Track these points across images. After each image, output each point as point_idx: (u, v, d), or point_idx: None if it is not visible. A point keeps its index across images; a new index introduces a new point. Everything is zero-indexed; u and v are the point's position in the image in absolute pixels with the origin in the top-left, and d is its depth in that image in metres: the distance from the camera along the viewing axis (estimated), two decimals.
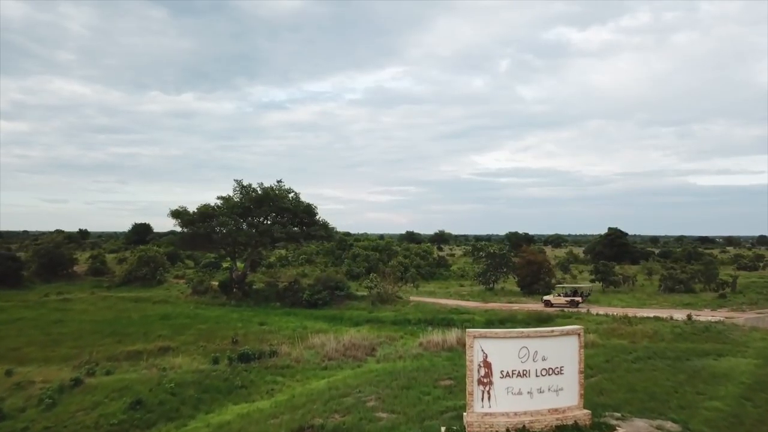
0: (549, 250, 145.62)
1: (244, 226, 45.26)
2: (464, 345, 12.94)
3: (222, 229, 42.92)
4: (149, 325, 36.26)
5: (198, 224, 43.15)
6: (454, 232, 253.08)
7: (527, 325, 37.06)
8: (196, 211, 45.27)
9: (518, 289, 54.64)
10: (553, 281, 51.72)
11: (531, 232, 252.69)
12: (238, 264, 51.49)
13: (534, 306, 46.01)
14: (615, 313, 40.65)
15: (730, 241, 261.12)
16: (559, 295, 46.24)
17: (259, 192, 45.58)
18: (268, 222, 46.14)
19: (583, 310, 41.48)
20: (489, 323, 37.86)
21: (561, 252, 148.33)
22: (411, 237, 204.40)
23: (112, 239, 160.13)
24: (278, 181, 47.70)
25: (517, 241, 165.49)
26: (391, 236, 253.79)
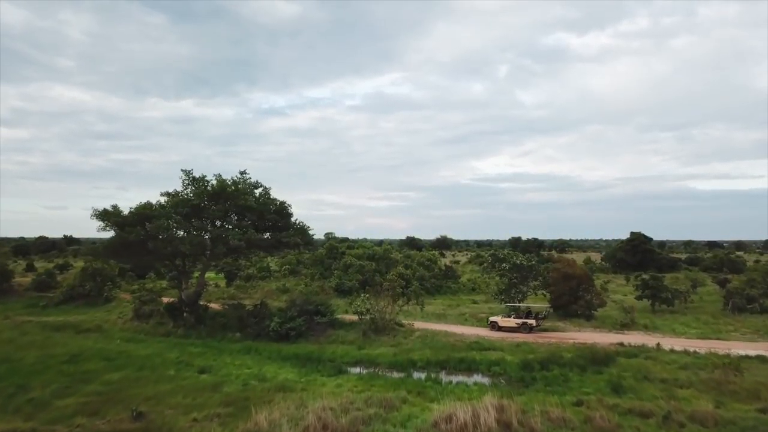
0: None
1: (194, 230, 34.10)
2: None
3: (163, 234, 31.65)
4: (39, 375, 25.02)
5: (130, 228, 32.08)
6: (455, 237, 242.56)
7: (582, 370, 26.01)
8: (133, 210, 34.05)
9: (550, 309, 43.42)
10: (594, 299, 40.58)
11: (529, 237, 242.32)
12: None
13: (578, 335, 34.79)
14: (697, 348, 29.61)
15: (739, 245, 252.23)
16: (509, 316, 37.04)
17: (214, 186, 34.57)
18: (227, 225, 34.84)
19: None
20: (526, 367, 26.76)
21: (570, 257, 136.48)
22: (412, 243, 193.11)
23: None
24: (242, 173, 36.79)
25: (526, 246, 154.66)
26: (391, 242, 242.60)
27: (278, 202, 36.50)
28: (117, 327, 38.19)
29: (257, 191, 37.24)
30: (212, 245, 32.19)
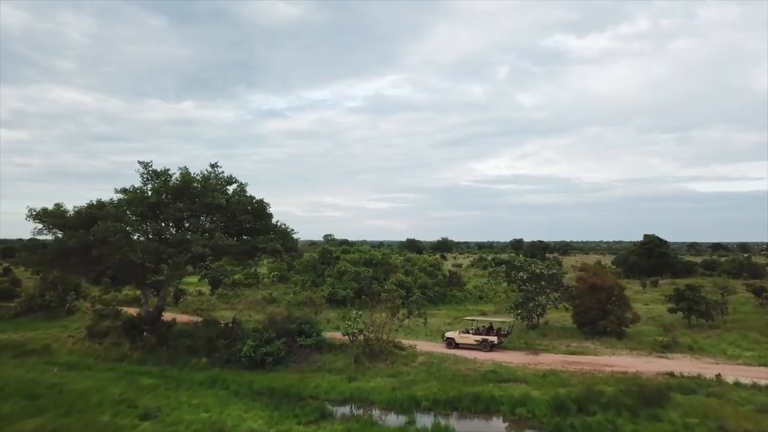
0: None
1: (150, 234, 28.15)
2: None
3: (111, 238, 25.66)
4: None
5: (71, 232, 26.23)
6: (455, 239, 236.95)
7: (632, 414, 20.32)
8: (82, 209, 28.13)
9: (572, 323, 37.68)
10: (626, 314, 34.79)
11: (529, 240, 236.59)
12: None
13: (613, 360, 29.02)
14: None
15: (744, 247, 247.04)
16: (467, 332, 33.06)
17: (177, 181, 28.77)
18: (189, 228, 28.88)
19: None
20: (559, 408, 21.01)
21: (574, 260, 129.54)
22: (412, 245, 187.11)
23: None
24: (212, 166, 30.96)
25: (530, 249, 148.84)
26: (392, 244, 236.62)
27: (255, 201, 30.69)
28: (66, 348, 32.42)
29: (230, 187, 31.50)
30: (172, 252, 26.44)
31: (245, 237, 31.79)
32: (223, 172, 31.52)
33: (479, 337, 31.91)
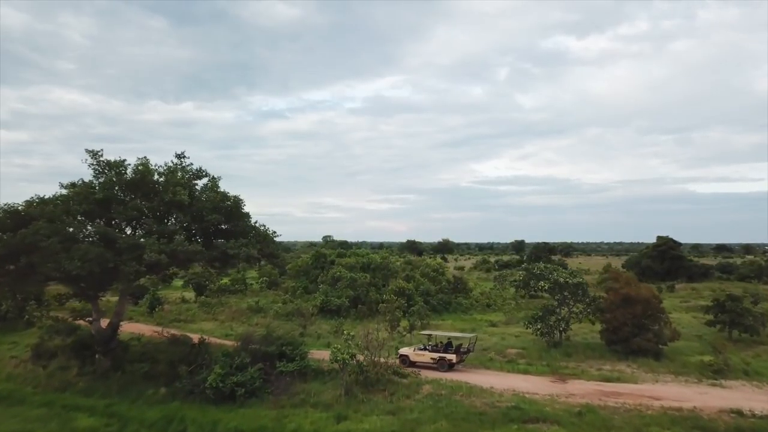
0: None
1: (94, 237, 23.08)
2: None
3: (43, 243, 20.61)
4: None
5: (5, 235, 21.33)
6: (455, 240, 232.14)
7: None
8: (13, 207, 23.00)
9: (599, 339, 32.71)
10: (665, 330, 29.80)
11: (531, 241, 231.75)
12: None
13: (659, 390, 24.02)
14: None
15: (749, 249, 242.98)
16: (424, 349, 28.56)
17: (131, 174, 23.75)
18: (139, 231, 23.73)
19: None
20: None
21: (577, 262, 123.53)
22: (412, 246, 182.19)
23: None
24: (179, 156, 25.97)
25: (536, 252, 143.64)
26: (391, 245, 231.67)
27: (229, 199, 25.65)
28: (5, 372, 27.43)
29: (200, 182, 26.51)
30: (122, 260, 21.44)
31: (220, 240, 26.75)
32: (191, 164, 26.56)
33: (436, 355, 27.47)
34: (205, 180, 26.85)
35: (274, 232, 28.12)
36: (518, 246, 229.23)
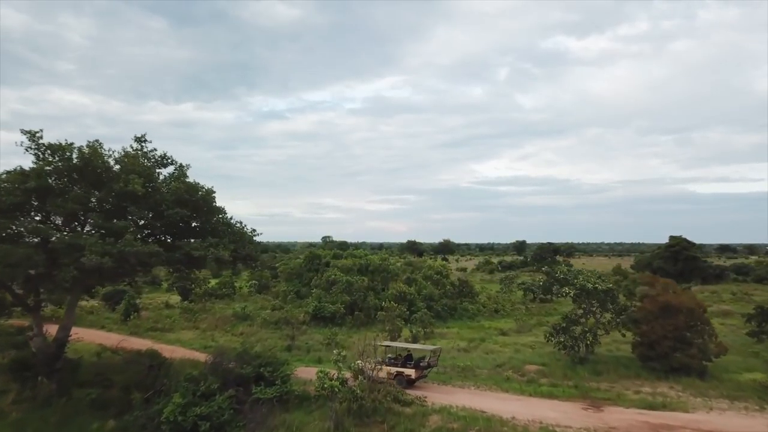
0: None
1: (24, 234, 18.92)
2: None
3: None
4: None
5: None
6: (455, 240, 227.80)
7: None
8: None
9: (629, 353, 28.51)
10: (710, 344, 25.56)
11: (529, 241, 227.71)
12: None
13: (715, 421, 19.76)
14: None
15: (752, 249, 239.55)
16: (382, 362, 23.62)
17: (76, 160, 19.52)
18: (100, 225, 19.38)
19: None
20: None
21: (581, 263, 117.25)
22: (413, 247, 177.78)
23: None
24: (138, 140, 21.67)
25: (541, 253, 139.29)
26: (391, 245, 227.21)
27: (199, 191, 21.40)
28: None
29: (164, 171, 22.30)
30: (56, 264, 17.33)
31: (192, 240, 22.47)
32: (154, 149, 22.31)
33: (393, 370, 23.61)
34: (171, 169, 22.59)
35: (253, 231, 23.89)
36: (519, 246, 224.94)
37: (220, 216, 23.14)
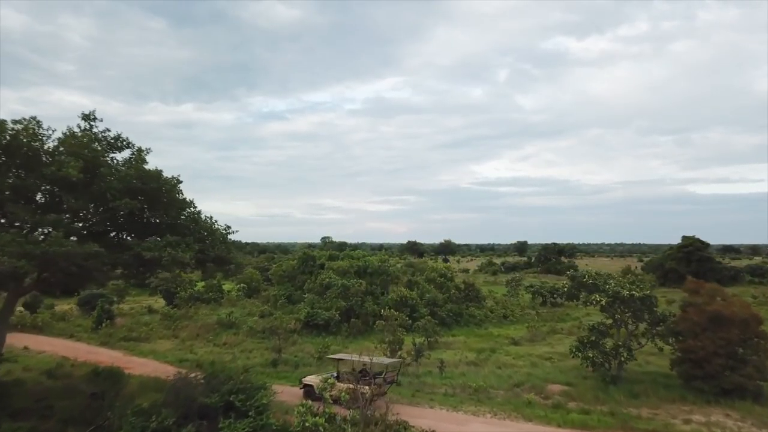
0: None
1: None
2: None
3: None
4: None
5: None
6: (455, 241, 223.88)
7: None
8: None
9: (666, 368, 24.68)
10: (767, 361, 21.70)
11: (531, 242, 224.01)
12: None
13: None
14: None
15: (755, 250, 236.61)
16: (336, 377, 21.57)
17: (6, 138, 15.78)
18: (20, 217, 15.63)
19: None
20: None
21: (584, 264, 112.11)
22: (413, 248, 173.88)
23: None
24: (86, 117, 17.83)
25: (545, 254, 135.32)
26: (391, 246, 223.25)
27: (156, 178, 17.52)
28: None
29: (118, 156, 18.47)
30: None
31: (158, 238, 18.59)
32: (107, 130, 18.48)
33: (344, 386, 19.76)
34: (127, 153, 18.73)
35: (227, 228, 20.02)
36: (521, 247, 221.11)
37: (186, 210, 19.25)
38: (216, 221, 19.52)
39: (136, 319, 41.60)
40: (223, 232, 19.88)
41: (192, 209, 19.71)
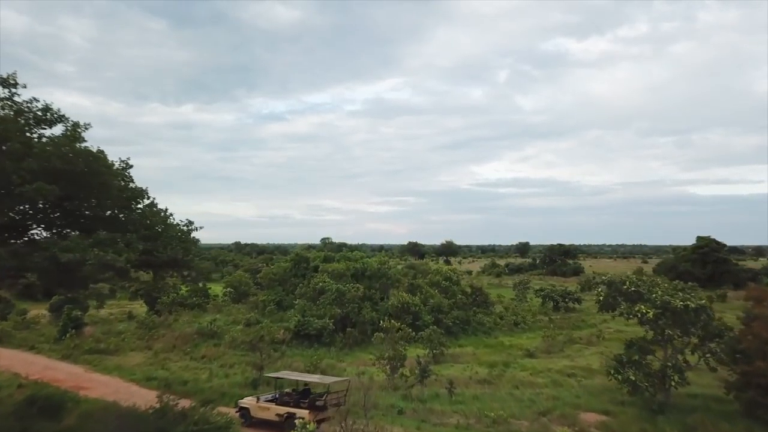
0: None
1: None
2: None
3: None
4: None
5: None
6: (455, 242, 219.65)
7: None
8: None
9: (719, 391, 20.72)
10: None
11: (531, 242, 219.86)
12: None
13: None
14: None
15: (760, 251, 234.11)
16: (274, 399, 19.31)
17: None
18: None
19: None
20: None
21: (587, 265, 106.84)
22: (414, 249, 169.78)
23: None
24: (5, 82, 14.13)
25: (551, 255, 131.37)
26: (392, 247, 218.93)
27: (85, 156, 13.63)
28: None
29: (48, 131, 14.57)
30: None
31: (47, 237, 14.54)
32: (33, 99, 14.59)
33: (283, 410, 18.01)
34: (59, 128, 14.78)
35: (189, 224, 16.11)
36: (522, 248, 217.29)
37: (137, 202, 15.30)
38: (172, 214, 15.61)
39: (108, 328, 37.62)
40: (183, 228, 16.00)
41: (147, 200, 15.77)
